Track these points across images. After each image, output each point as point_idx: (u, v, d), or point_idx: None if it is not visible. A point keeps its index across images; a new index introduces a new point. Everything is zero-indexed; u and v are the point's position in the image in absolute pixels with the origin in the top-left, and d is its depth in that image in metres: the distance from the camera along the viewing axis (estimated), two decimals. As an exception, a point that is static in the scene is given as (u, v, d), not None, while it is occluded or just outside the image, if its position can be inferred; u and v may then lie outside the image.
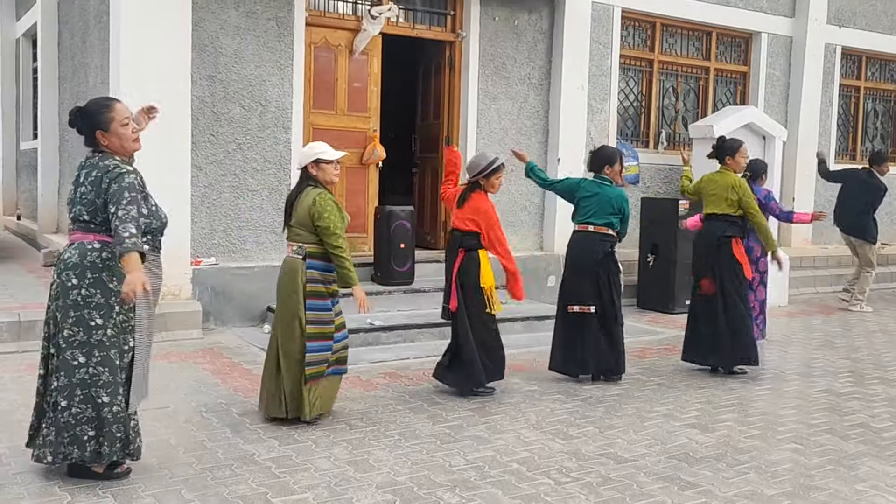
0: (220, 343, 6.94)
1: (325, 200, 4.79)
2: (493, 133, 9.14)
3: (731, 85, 11.39)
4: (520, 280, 5.65)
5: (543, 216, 9.52)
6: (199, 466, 4.18)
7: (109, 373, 3.81)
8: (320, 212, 4.76)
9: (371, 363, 6.48)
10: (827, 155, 10.44)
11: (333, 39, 8.31)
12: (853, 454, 4.70)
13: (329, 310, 4.89)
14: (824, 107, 11.97)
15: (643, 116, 10.70)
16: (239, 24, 7.69)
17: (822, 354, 7.34)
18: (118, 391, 3.84)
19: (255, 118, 7.82)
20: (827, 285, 10.97)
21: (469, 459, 4.42)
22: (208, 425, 4.83)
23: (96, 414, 3.81)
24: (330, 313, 4.90)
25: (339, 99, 8.40)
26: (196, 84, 7.47)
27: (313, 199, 4.79)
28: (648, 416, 5.29)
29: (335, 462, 4.31)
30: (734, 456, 4.60)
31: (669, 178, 10.62)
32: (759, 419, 5.32)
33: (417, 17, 8.82)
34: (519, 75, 9.27)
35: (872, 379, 6.49)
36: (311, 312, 4.82)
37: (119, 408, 3.85)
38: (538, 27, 9.34)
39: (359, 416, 5.09)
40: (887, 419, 5.40)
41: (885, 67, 13.08)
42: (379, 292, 7.80)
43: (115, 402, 3.83)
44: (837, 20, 11.95)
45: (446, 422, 5.06)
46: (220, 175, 7.70)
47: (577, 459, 4.47)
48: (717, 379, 6.34)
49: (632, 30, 10.42)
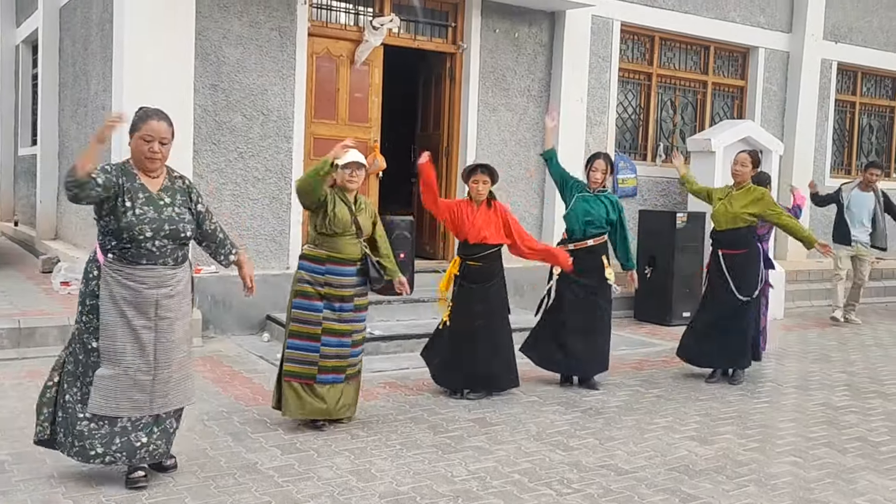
0: (220, 351, 6.95)
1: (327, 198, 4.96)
2: (492, 144, 9.18)
3: (728, 99, 11.47)
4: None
5: (542, 227, 9.56)
6: (203, 475, 4.19)
7: (73, 364, 3.98)
8: None
9: (372, 373, 6.49)
10: (817, 186, 10.38)
11: (335, 50, 8.36)
12: (852, 468, 4.73)
13: (317, 311, 4.92)
14: (820, 121, 12.07)
15: (641, 129, 10.77)
16: (242, 34, 7.73)
17: (818, 368, 7.39)
18: (75, 383, 3.95)
19: (257, 127, 7.85)
20: (822, 299, 11.02)
21: (471, 470, 4.44)
22: (210, 434, 4.84)
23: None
24: (317, 315, 4.91)
25: (340, 109, 8.44)
26: (198, 93, 7.50)
27: None
28: (648, 428, 5.32)
29: (337, 471, 4.32)
30: (734, 469, 4.63)
31: (667, 190, 10.69)
32: (757, 432, 5.35)
33: (419, 28, 8.88)
34: (519, 87, 9.33)
35: (869, 392, 6.53)
36: (295, 310, 4.96)
37: (56, 393, 4.00)
38: (538, 40, 9.40)
39: (360, 426, 5.11)
40: (885, 433, 5.44)
41: (881, 83, 13.19)
42: (378, 302, 7.80)
43: (58, 387, 4.00)
44: (833, 36, 12.06)
45: (447, 432, 5.07)
46: (221, 183, 7.72)
47: (578, 471, 4.49)
48: (716, 391, 6.37)
49: (631, 43, 10.50)
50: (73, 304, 6.73)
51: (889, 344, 8.72)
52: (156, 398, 3.96)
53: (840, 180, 11.83)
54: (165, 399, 3.99)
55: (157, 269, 3.92)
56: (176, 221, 3.95)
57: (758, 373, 7.01)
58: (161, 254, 3.92)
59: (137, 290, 3.87)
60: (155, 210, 3.90)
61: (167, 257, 3.95)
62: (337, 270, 4.93)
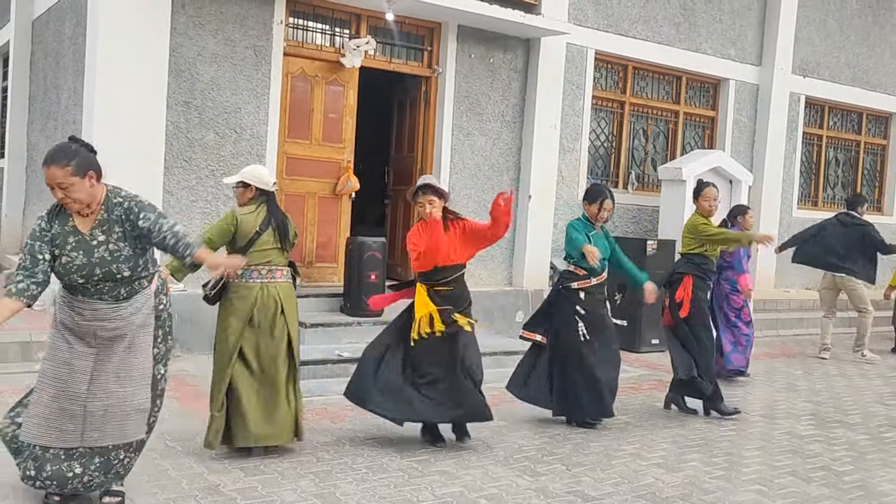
0: (186, 371, 6.85)
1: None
2: (466, 168, 9.22)
3: (699, 129, 11.64)
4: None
5: (514, 251, 9.58)
6: (163, 496, 4.11)
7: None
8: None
9: (339, 395, 6.40)
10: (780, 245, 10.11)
11: (311, 70, 8.36)
12: (816, 497, 4.76)
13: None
14: (788, 153, 12.27)
15: (614, 157, 10.87)
16: (217, 52, 7.71)
17: (784, 397, 7.44)
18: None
19: (230, 145, 7.81)
20: (789, 328, 11.14)
21: (437, 495, 4.39)
22: (172, 454, 4.75)
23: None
24: None
25: (314, 129, 8.42)
26: (171, 109, 7.46)
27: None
28: (615, 455, 5.31)
29: (301, 494, 4.26)
30: (699, 496, 4.63)
31: (638, 217, 10.78)
32: (723, 460, 5.37)
33: (395, 51, 8.92)
34: (493, 112, 9.39)
35: (833, 422, 6.58)
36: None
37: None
38: (513, 66, 9.48)
39: (326, 449, 5.05)
40: (848, 463, 5.48)
41: (847, 118, 13.47)
42: (348, 323, 7.78)
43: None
44: (802, 70, 12.31)
45: (414, 456, 5.03)
46: (191, 201, 7.66)
47: (545, 497, 4.46)
48: (682, 419, 6.39)
49: (604, 71, 10.63)
50: (35, 320, 6.65)
51: (853, 374, 8.82)
52: (87, 430, 3.73)
53: (807, 212, 12.04)
54: (100, 433, 3.75)
55: (96, 304, 3.72)
56: (108, 262, 3.66)
57: (725, 400, 7.03)
58: (98, 291, 3.70)
59: (76, 320, 3.73)
60: (85, 254, 3.64)
61: (105, 294, 3.72)
62: None
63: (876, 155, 13.94)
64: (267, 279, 4.80)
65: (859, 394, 7.79)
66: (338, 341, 7.61)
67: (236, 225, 4.79)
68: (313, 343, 7.47)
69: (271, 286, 4.80)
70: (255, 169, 5.03)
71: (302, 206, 8.38)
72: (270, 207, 4.92)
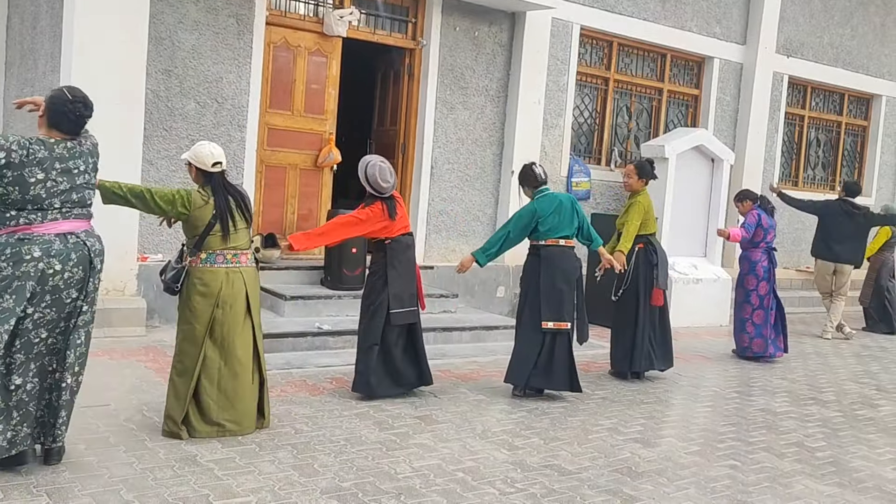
0: (164, 341, 6.81)
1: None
2: (448, 143, 9.17)
3: (682, 107, 11.64)
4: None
5: (495, 226, 9.57)
6: (140, 466, 4.10)
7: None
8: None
9: (318, 367, 6.43)
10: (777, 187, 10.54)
11: (293, 40, 8.26)
12: (788, 472, 4.83)
13: None
14: (770, 133, 12.31)
15: (597, 133, 10.86)
16: (198, 19, 7.59)
17: (760, 374, 7.53)
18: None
19: (210, 115, 7.72)
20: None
21: (415, 467, 4.41)
22: (150, 424, 4.73)
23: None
24: None
25: (296, 100, 8.34)
26: (151, 77, 7.35)
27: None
28: (593, 430, 5.36)
29: (279, 466, 4.26)
30: (675, 471, 4.69)
31: (619, 195, 10.78)
32: (699, 435, 5.43)
33: (379, 22, 8.82)
34: (477, 86, 9.33)
35: (807, 399, 6.68)
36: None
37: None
38: (498, 40, 9.42)
39: (304, 421, 5.05)
40: (821, 439, 5.56)
41: (829, 98, 13.52)
42: (328, 296, 7.76)
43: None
44: (786, 50, 12.31)
45: (392, 429, 5.05)
46: (171, 171, 7.58)
47: (522, 470, 4.50)
48: (660, 394, 6.46)
49: (589, 47, 10.58)
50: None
51: (828, 353, 8.93)
52: None
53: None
54: None
55: None
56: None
57: (701, 378, 7.13)
58: None
59: None
60: None
61: None
62: None
63: (857, 136, 14.02)
64: (232, 263, 4.63)
65: (833, 372, 7.90)
66: (318, 314, 7.59)
67: (188, 207, 4.55)
68: (293, 316, 7.46)
69: (235, 272, 4.63)
70: (199, 147, 4.71)
71: (283, 177, 8.32)
72: (216, 192, 4.65)
